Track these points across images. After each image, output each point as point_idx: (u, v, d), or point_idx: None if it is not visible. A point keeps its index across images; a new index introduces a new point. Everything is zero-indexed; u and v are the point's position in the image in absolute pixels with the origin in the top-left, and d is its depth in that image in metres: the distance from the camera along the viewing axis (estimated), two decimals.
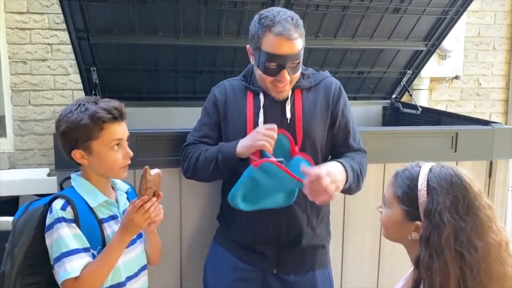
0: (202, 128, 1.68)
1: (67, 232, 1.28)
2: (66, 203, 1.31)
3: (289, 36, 1.46)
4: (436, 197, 1.03)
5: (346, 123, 1.65)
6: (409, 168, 1.11)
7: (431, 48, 2.73)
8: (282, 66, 1.49)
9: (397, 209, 1.10)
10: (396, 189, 1.10)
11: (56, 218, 1.29)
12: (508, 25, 3.77)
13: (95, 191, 1.38)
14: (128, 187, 1.53)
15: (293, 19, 1.49)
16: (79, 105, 1.35)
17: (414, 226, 1.07)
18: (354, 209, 2.03)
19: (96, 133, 1.33)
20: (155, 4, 2.16)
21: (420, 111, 2.74)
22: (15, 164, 3.02)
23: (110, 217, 1.39)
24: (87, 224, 1.32)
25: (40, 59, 2.97)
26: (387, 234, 1.17)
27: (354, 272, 2.08)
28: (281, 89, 1.54)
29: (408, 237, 1.09)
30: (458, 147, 2.10)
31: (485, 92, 3.84)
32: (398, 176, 1.11)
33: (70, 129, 1.32)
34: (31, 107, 3.00)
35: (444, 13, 2.52)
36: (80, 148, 1.34)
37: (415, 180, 1.07)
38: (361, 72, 2.80)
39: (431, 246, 1.01)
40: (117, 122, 1.36)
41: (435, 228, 1.01)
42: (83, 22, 2.19)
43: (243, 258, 1.64)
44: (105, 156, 1.35)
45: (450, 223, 1.00)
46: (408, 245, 1.13)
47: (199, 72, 2.59)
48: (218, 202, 1.80)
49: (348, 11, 2.38)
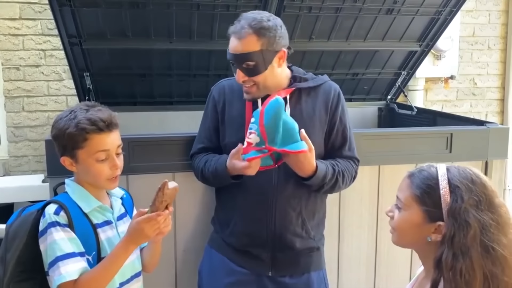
0: (202, 138, 1.71)
1: (61, 235, 1.26)
2: (59, 208, 1.30)
3: (237, 34, 1.50)
4: (460, 195, 1.01)
5: (343, 130, 1.65)
6: (425, 169, 1.09)
7: (426, 48, 2.73)
8: (234, 64, 1.54)
9: (415, 211, 1.06)
10: (414, 190, 1.06)
11: (49, 223, 1.27)
12: (502, 24, 3.77)
13: (88, 196, 1.37)
14: (123, 193, 1.51)
15: (255, 20, 1.49)
16: (70, 112, 1.35)
17: (434, 227, 1.04)
18: (349, 211, 2.03)
19: (81, 143, 1.31)
20: (147, 9, 2.16)
21: (415, 112, 2.74)
22: (10, 171, 3.00)
23: (104, 222, 1.38)
24: (81, 229, 1.30)
25: (33, 65, 2.95)
26: (400, 239, 1.12)
27: (350, 275, 2.07)
28: (246, 89, 1.57)
29: (428, 239, 1.05)
30: (453, 148, 2.10)
31: (481, 92, 3.84)
32: (415, 177, 1.08)
33: (58, 136, 1.33)
34: (25, 113, 2.98)
35: (438, 13, 2.52)
36: (67, 155, 1.34)
37: (435, 179, 1.04)
38: (356, 74, 2.80)
39: (456, 245, 0.98)
40: (103, 133, 1.33)
41: (460, 227, 0.99)
42: (75, 28, 2.19)
43: (238, 261, 1.64)
44: (90, 166, 1.33)
45: (476, 221, 0.99)
46: (422, 248, 1.09)
47: (193, 75, 2.58)
48: (212, 207, 1.79)
49: (341, 13, 2.38)
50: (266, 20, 1.50)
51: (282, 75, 1.60)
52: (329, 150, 1.65)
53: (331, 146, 1.65)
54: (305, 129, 1.55)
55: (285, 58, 1.57)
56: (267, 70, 1.52)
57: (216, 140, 1.68)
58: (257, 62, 1.50)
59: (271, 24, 1.50)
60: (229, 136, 1.62)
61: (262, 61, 1.50)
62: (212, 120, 1.68)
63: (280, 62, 1.56)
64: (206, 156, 1.67)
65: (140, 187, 1.81)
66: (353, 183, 1.70)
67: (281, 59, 1.56)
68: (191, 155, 1.75)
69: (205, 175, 1.64)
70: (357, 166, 1.68)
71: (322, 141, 1.62)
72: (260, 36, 1.49)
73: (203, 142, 1.70)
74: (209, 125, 1.69)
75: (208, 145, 1.69)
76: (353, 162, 1.67)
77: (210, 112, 1.69)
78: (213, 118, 1.67)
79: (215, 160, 1.61)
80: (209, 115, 1.69)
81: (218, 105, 1.66)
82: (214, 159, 1.62)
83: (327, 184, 1.57)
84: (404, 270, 2.13)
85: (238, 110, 1.61)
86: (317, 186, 1.55)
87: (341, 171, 1.60)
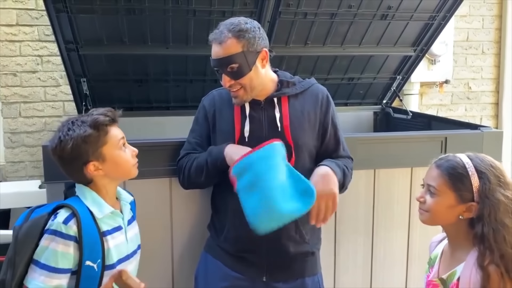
0: (192, 145, 1.71)
1: (57, 248, 1.27)
2: (71, 215, 1.30)
3: (217, 40, 1.53)
4: (487, 179, 1.22)
5: (336, 132, 1.67)
6: (451, 159, 1.29)
7: (420, 53, 2.76)
8: (218, 69, 1.56)
9: (449, 195, 1.26)
10: (447, 178, 1.26)
11: (53, 230, 1.28)
12: (496, 29, 3.81)
13: (101, 202, 1.38)
14: (132, 198, 1.54)
15: (233, 24, 1.52)
16: (72, 122, 1.36)
17: (466, 207, 1.25)
18: (345, 214, 2.04)
19: (103, 138, 1.35)
20: (143, 15, 2.18)
21: (410, 116, 2.76)
22: (6, 177, 3.00)
23: (114, 229, 1.39)
24: (89, 237, 1.31)
25: (30, 71, 2.96)
26: (433, 218, 1.30)
27: (346, 279, 2.08)
28: (234, 94, 1.58)
29: (460, 217, 1.26)
30: (447, 151, 2.09)
31: (476, 96, 3.87)
32: (444, 167, 1.28)
33: (78, 145, 1.32)
34: (22, 119, 2.99)
35: (432, 18, 2.55)
36: (92, 159, 1.34)
37: (464, 168, 1.25)
38: (351, 78, 2.82)
39: (493, 220, 1.20)
40: (115, 123, 1.40)
41: (493, 204, 1.20)
42: (72, 34, 2.20)
43: (233, 267, 1.64)
44: (119, 157, 1.38)
45: (504, 197, 1.21)
46: (453, 225, 1.29)
47: (189, 81, 2.59)
48: (209, 212, 1.80)
49: (336, 18, 2.40)
50: (243, 23, 1.53)
51: (268, 78, 1.61)
52: (324, 153, 1.66)
53: (325, 149, 1.66)
54: (295, 132, 1.58)
55: (267, 58, 1.59)
56: (252, 71, 1.54)
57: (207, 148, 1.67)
58: (240, 64, 1.52)
59: (249, 26, 1.53)
60: (219, 143, 1.62)
61: (245, 62, 1.52)
62: (203, 128, 1.69)
63: (264, 63, 1.58)
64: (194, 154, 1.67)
65: (137, 192, 1.80)
66: (349, 186, 1.72)
67: (264, 60, 1.57)
68: (178, 160, 1.73)
69: (193, 165, 1.62)
70: (352, 164, 1.73)
71: (312, 143, 1.63)
72: (239, 38, 1.51)
73: (195, 149, 1.69)
74: (201, 133, 1.69)
75: (200, 152, 1.68)
76: (349, 160, 1.71)
77: (201, 121, 1.70)
78: (205, 127, 1.68)
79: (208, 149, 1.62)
80: (200, 124, 1.70)
81: (209, 114, 1.67)
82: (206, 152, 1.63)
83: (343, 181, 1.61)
84: (400, 273, 2.14)
85: (227, 117, 1.63)
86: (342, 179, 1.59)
87: (342, 165, 1.64)
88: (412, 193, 2.10)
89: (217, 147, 1.60)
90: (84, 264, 1.29)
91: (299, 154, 1.59)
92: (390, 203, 2.09)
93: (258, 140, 1.55)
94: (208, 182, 1.67)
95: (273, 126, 1.59)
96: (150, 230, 1.83)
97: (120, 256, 1.40)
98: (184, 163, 1.68)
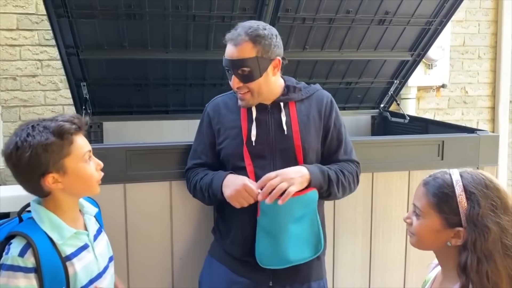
0: (197, 153, 1.72)
1: (21, 283, 1.15)
2: (26, 246, 1.17)
3: (233, 41, 1.53)
4: (476, 201, 1.04)
5: (337, 135, 1.68)
6: (439, 176, 1.11)
7: (417, 58, 2.78)
8: (229, 70, 1.56)
9: (434, 218, 1.10)
10: (431, 199, 1.10)
11: (10, 265, 1.16)
12: (492, 34, 3.84)
13: (61, 225, 1.24)
14: (96, 209, 1.42)
15: (251, 28, 1.53)
16: (32, 126, 1.21)
17: (453, 233, 1.08)
18: (343, 218, 2.05)
19: (67, 148, 1.22)
20: (143, 20, 2.19)
21: (408, 120, 2.78)
22: (6, 181, 3.00)
23: (79, 249, 1.27)
24: (49, 266, 1.18)
25: (30, 75, 2.97)
26: (420, 243, 1.16)
27: (345, 282, 2.09)
28: (241, 96, 1.59)
29: (447, 243, 1.09)
30: (444, 155, 2.13)
31: (472, 100, 3.90)
32: (430, 186, 1.11)
33: (38, 154, 1.17)
34: (21, 123, 2.99)
35: (428, 23, 2.58)
36: (52, 171, 1.21)
37: (451, 187, 1.08)
38: (349, 83, 2.84)
39: (479, 250, 1.02)
40: (81, 132, 1.27)
41: (481, 232, 1.03)
42: (72, 38, 2.21)
43: (239, 271, 1.63)
44: (82, 171, 1.25)
45: (495, 225, 1.03)
46: (442, 251, 1.14)
47: (189, 85, 2.61)
48: (209, 216, 1.81)
49: (334, 23, 2.42)
50: (262, 29, 1.53)
51: (276, 84, 1.63)
52: (326, 156, 1.68)
53: (327, 151, 1.68)
54: (302, 136, 1.59)
55: (279, 67, 1.60)
56: (262, 77, 1.55)
57: (213, 156, 1.68)
58: (252, 69, 1.52)
59: (266, 33, 1.53)
60: (226, 148, 1.63)
61: (257, 68, 1.53)
62: (208, 136, 1.69)
63: (275, 71, 1.59)
64: (204, 170, 1.68)
65: (137, 196, 1.83)
66: None
67: (275, 68, 1.58)
68: (186, 170, 1.75)
69: (197, 187, 1.65)
70: (357, 168, 1.70)
71: (317, 146, 1.65)
72: (255, 44, 1.52)
73: (200, 157, 1.70)
74: (205, 141, 1.69)
75: (205, 161, 1.69)
76: (351, 163, 1.69)
77: (205, 128, 1.70)
78: (209, 134, 1.68)
79: (210, 177, 1.62)
80: (205, 132, 1.70)
81: (213, 121, 1.67)
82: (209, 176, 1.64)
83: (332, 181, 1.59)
84: (399, 276, 2.15)
85: (233, 122, 1.63)
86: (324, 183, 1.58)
87: (339, 169, 1.63)
88: (410, 196, 2.12)
89: (217, 178, 1.59)
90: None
91: (306, 158, 1.60)
92: (388, 206, 2.10)
93: (265, 144, 1.58)
94: (212, 204, 1.72)
95: (280, 130, 1.60)
96: (150, 234, 1.85)
97: (91, 276, 1.29)
98: (190, 178, 1.70)
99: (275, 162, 1.58)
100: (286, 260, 1.56)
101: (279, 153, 1.59)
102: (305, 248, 1.59)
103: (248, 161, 1.58)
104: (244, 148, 1.58)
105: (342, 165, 1.67)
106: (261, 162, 1.58)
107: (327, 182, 1.58)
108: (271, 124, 1.61)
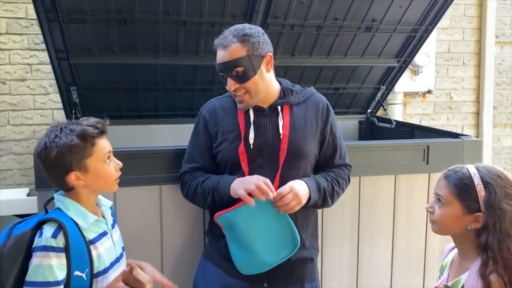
0: (194, 157, 1.71)
1: (50, 262, 1.26)
2: (58, 229, 1.29)
3: (222, 45, 1.55)
4: (492, 190, 1.23)
5: (334, 140, 1.71)
6: (458, 170, 1.30)
7: (403, 64, 2.84)
8: (224, 74, 1.58)
9: (456, 205, 1.28)
10: (453, 188, 1.28)
11: (44, 246, 1.27)
12: (476, 41, 3.93)
13: (85, 212, 1.38)
14: (111, 203, 1.54)
15: (237, 29, 1.55)
16: (60, 129, 1.35)
17: (473, 218, 1.26)
18: (331, 221, 2.08)
19: (89, 150, 1.35)
20: (134, 25, 2.21)
21: (394, 125, 2.83)
22: None
23: (100, 235, 1.40)
24: (77, 248, 1.31)
25: (19, 79, 2.97)
26: (442, 229, 1.33)
27: (333, 284, 2.11)
28: (239, 98, 1.60)
29: (468, 227, 1.27)
30: (430, 160, 2.18)
31: (457, 106, 3.98)
32: (451, 178, 1.30)
33: (63, 153, 1.31)
34: (10, 127, 2.99)
35: (414, 31, 2.63)
36: (75, 169, 1.34)
37: (470, 178, 1.27)
38: (337, 88, 2.89)
39: (498, 230, 1.21)
40: (104, 135, 1.40)
41: (498, 216, 1.21)
42: (62, 43, 2.22)
43: (233, 273, 1.63)
44: (102, 170, 1.38)
45: (510, 209, 1.22)
46: (461, 235, 1.31)
47: (179, 90, 2.63)
48: (200, 219, 1.82)
49: (322, 30, 2.46)
50: (248, 28, 1.56)
51: (272, 82, 1.64)
52: (322, 160, 1.71)
53: (323, 156, 1.71)
54: (299, 140, 1.61)
55: (272, 63, 1.61)
56: (257, 75, 1.56)
57: (209, 159, 1.68)
58: (245, 68, 1.54)
59: (253, 31, 1.56)
60: (223, 151, 1.64)
61: (250, 66, 1.54)
62: (204, 139, 1.68)
63: (268, 67, 1.60)
64: (203, 174, 1.68)
65: (127, 200, 1.83)
66: None
67: (268, 64, 1.60)
68: (181, 174, 1.74)
69: (198, 190, 1.64)
70: (349, 172, 1.76)
71: (314, 150, 1.67)
72: (244, 43, 1.54)
73: (197, 161, 1.69)
74: (201, 144, 1.69)
75: (202, 164, 1.69)
76: (345, 168, 1.74)
77: (201, 131, 1.69)
78: (205, 137, 1.68)
79: (215, 180, 1.62)
80: (201, 135, 1.69)
81: (210, 123, 1.67)
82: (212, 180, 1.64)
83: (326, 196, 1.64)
84: (385, 279, 2.19)
85: (230, 125, 1.64)
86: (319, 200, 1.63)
87: (335, 179, 1.67)
88: (396, 199, 2.16)
89: (223, 182, 1.59)
90: (73, 275, 1.29)
91: (302, 162, 1.63)
92: (375, 209, 2.14)
93: (263, 147, 1.60)
94: (210, 208, 1.71)
95: (278, 133, 1.61)
96: (140, 238, 1.85)
97: (112, 259, 1.42)
98: (188, 182, 1.69)
99: (272, 166, 1.60)
100: (265, 264, 1.58)
101: (276, 157, 1.60)
102: (279, 249, 1.59)
103: (245, 165, 1.59)
104: (242, 151, 1.59)
105: (338, 173, 1.70)
106: (258, 166, 1.60)
107: (322, 198, 1.63)
108: (269, 127, 1.62)
